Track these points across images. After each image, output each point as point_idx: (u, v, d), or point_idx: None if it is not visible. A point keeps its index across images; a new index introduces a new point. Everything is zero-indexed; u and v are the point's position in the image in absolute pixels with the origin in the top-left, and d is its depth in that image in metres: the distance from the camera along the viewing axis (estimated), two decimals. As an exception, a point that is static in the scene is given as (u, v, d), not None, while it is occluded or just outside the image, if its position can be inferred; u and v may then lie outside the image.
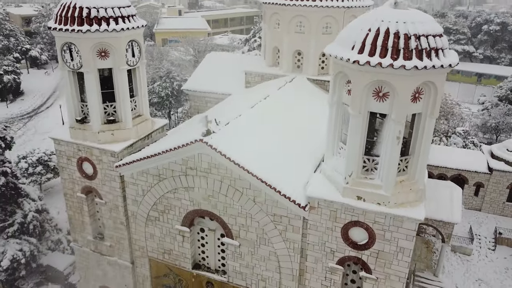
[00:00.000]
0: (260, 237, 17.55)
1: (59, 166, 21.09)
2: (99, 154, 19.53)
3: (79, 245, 22.95)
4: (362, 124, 14.20)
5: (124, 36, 18.21)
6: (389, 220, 14.80)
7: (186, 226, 19.06)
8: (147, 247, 20.78)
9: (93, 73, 18.34)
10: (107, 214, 20.94)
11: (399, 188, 14.80)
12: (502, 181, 36.59)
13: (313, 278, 17.16)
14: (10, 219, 26.86)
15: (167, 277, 21.10)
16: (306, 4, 25.36)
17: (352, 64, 13.26)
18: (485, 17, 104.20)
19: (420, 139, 14.62)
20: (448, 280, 30.43)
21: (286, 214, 16.57)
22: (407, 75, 12.87)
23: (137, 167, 18.73)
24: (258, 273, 18.40)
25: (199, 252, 20.31)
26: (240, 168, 16.29)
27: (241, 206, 17.30)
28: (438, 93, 13.85)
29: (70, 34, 17.47)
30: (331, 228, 15.92)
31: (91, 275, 23.60)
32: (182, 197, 18.46)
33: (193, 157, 17.34)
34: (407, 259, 15.20)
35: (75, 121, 19.61)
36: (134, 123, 20.05)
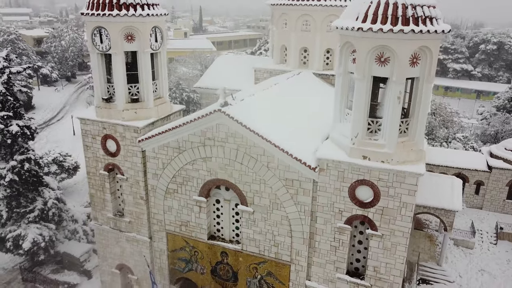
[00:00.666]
0: (272, 202, 18.91)
1: (84, 145, 22.66)
2: (123, 131, 21.15)
3: (99, 223, 24.23)
4: (366, 87, 15.85)
5: (148, 21, 20.17)
6: (393, 176, 16.20)
7: (203, 196, 20.44)
8: (165, 221, 22.07)
9: (120, 55, 20.19)
10: (127, 189, 22.37)
11: (401, 148, 16.29)
12: (502, 179, 37.83)
13: (323, 239, 18.39)
14: (31, 206, 28.19)
15: (183, 250, 22.28)
16: (312, 4, 27.51)
17: (357, 32, 15.04)
18: (482, 37, 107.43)
19: (418, 103, 16.22)
20: (452, 270, 31.31)
21: (297, 177, 18.00)
22: (405, 39, 14.61)
23: (159, 141, 20.31)
24: (270, 239, 19.64)
25: (214, 224, 21.58)
26: (255, 135, 17.87)
27: (255, 173, 18.76)
28: (434, 59, 15.54)
29: (101, 19, 19.43)
30: (339, 189, 17.31)
31: (109, 254, 24.75)
32: (200, 167, 19.94)
33: (211, 127, 18.94)
34: (410, 213, 16.51)
35: (102, 100, 21.33)
36: (155, 104, 21.76)
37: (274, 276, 20.34)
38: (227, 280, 21.76)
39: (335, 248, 18.32)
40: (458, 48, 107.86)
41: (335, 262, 18.55)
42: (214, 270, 21.87)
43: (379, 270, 17.70)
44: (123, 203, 23.34)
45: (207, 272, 22.14)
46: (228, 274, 21.56)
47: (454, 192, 30.27)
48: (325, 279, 19.01)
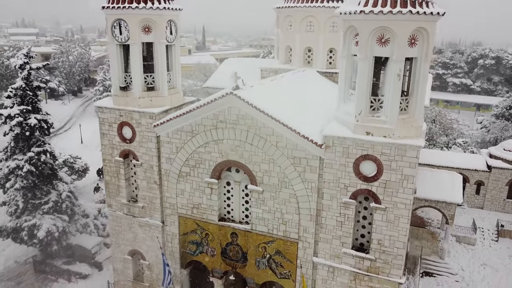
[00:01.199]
0: (281, 180, 19.97)
1: (101, 133, 23.89)
2: (139, 118, 22.40)
3: (113, 210, 25.20)
4: (368, 67, 17.15)
5: (165, 14, 21.69)
6: (394, 150, 17.31)
7: (214, 178, 21.51)
8: (177, 204, 23.07)
9: (137, 45, 21.63)
10: (141, 175, 23.46)
11: (401, 124, 17.46)
12: (501, 178, 38.82)
13: (329, 215, 19.35)
14: (45, 198, 29.20)
15: (195, 233, 23.18)
16: (315, 5, 29.12)
17: (359, 15, 16.44)
18: (480, 52, 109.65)
19: (417, 82, 17.47)
20: (454, 263, 32.03)
21: (305, 155, 19.12)
22: (404, 20, 15.98)
23: (173, 125, 21.53)
24: (279, 217, 20.60)
25: (224, 206, 22.56)
26: (265, 116, 19.09)
27: (264, 153, 19.89)
28: (430, 40, 16.86)
29: (121, 11, 20.95)
30: (344, 165, 18.39)
31: (122, 240, 25.62)
32: (212, 150, 21.09)
33: (223, 111, 20.18)
34: (412, 186, 17.53)
35: (119, 89, 22.68)
36: (169, 93, 23.09)
37: (282, 254, 21.19)
38: (237, 261, 22.59)
39: (341, 223, 19.26)
40: (457, 63, 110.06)
41: (341, 237, 19.45)
42: (224, 251, 22.72)
43: (383, 243, 18.59)
44: (137, 189, 24.40)
45: (217, 254, 22.98)
46: (238, 255, 22.41)
47: (455, 186, 31.26)
48: (332, 254, 19.87)
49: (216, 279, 23.66)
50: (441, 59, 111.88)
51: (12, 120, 27.13)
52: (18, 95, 27.75)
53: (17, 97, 27.78)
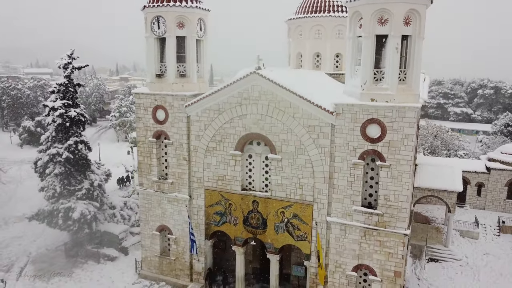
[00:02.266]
0: (297, 148, 22.86)
1: (136, 117, 27.13)
2: (172, 100, 25.70)
3: (144, 188, 27.95)
4: (371, 43, 20.53)
5: (196, 13, 25.53)
6: (396, 112, 20.30)
7: (238, 150, 24.44)
8: (203, 178, 25.85)
9: (173, 38, 25.33)
10: (172, 153, 26.43)
11: (401, 92, 20.58)
12: (500, 179, 41.20)
13: (340, 176, 22.06)
14: (79, 185, 32.02)
15: (219, 204, 25.77)
16: (323, 15, 33.06)
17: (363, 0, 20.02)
18: (479, 83, 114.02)
19: (413, 56, 20.74)
20: (458, 251, 33.89)
21: (318, 123, 22.14)
22: (399, 2, 19.50)
23: (202, 105, 24.77)
24: (296, 182, 23.29)
25: (246, 178, 25.29)
26: (284, 90, 22.34)
27: (283, 124, 22.93)
28: (422, 21, 20.31)
29: (160, 9, 24.83)
30: (352, 129, 21.34)
31: (151, 217, 28.15)
32: (236, 125, 24.17)
33: (247, 89, 23.46)
34: (412, 143, 20.35)
35: (155, 76, 26.16)
36: (197, 82, 26.50)
37: (299, 217, 23.65)
38: (257, 228, 25.00)
39: (351, 183, 21.92)
40: (458, 93, 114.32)
41: (352, 196, 22.03)
42: (246, 219, 25.19)
43: (389, 197, 21.15)
44: (167, 168, 27.27)
45: (239, 222, 25.43)
46: (258, 221, 24.86)
47: (455, 176, 33.82)
48: (343, 213, 22.36)
49: (238, 247, 25.93)
50: (441, 90, 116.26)
51: (55, 112, 30.53)
52: (61, 91, 31.32)
53: (60, 93, 31.32)
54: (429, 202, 43.37)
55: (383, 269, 21.98)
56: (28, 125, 76.31)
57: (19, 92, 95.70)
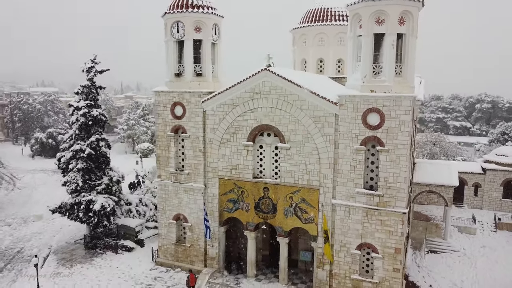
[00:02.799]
0: (305, 137, 25.20)
1: (156, 114, 29.58)
2: (189, 97, 28.21)
3: (162, 179, 30.17)
4: (370, 40, 23.11)
5: (211, 18, 28.30)
6: (393, 101, 22.69)
7: (250, 141, 26.77)
8: (218, 168, 28.11)
9: (190, 41, 28.03)
10: (189, 145, 28.78)
11: (397, 84, 23.05)
12: (495, 179, 43.33)
13: (344, 161, 24.31)
14: (99, 181, 34.26)
15: (232, 191, 27.94)
16: (326, 24, 35.88)
17: (362, 3, 22.71)
18: (476, 98, 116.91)
19: (407, 53, 23.28)
20: (456, 244, 35.75)
21: (323, 114, 24.54)
22: (393, 4, 22.15)
23: (217, 100, 27.26)
24: (303, 168, 25.53)
25: (257, 167, 27.53)
26: (292, 84, 24.84)
27: (291, 115, 25.34)
28: (415, 21, 22.93)
29: (179, 15, 27.61)
30: (354, 118, 23.71)
31: (168, 206, 30.26)
32: (249, 117, 26.59)
33: (258, 84, 25.98)
34: (408, 129, 22.66)
35: (174, 76, 28.75)
36: (212, 81, 29.07)
37: (306, 201, 25.79)
38: (268, 213, 27.09)
39: (354, 167, 24.16)
40: (456, 108, 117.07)
41: (354, 180, 24.22)
42: (257, 205, 27.30)
43: (388, 179, 23.33)
44: (183, 160, 29.58)
45: (251, 208, 27.54)
46: (269, 207, 26.97)
47: (451, 173, 36.05)
48: (347, 195, 24.50)
49: (250, 232, 27.96)
50: (441, 104, 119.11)
51: (79, 111, 33.04)
52: (84, 92, 33.90)
53: (83, 94, 33.90)
54: (428, 203, 45.35)
55: (384, 246, 23.98)
56: (40, 136, 78.95)
57: (30, 107, 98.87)
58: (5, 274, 30.08)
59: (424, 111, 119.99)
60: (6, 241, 36.53)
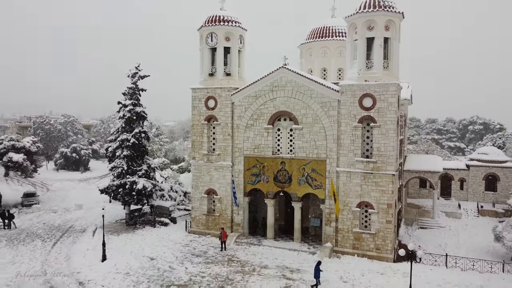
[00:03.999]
0: (314, 119, 31.97)
1: (192, 107, 36.49)
2: (220, 92, 35.23)
3: (196, 160, 36.70)
4: (364, 43, 30.35)
5: (238, 30, 35.77)
6: (382, 88, 29.60)
7: (270, 125, 33.53)
8: (243, 148, 34.71)
9: (221, 48, 35.35)
10: (219, 130, 35.51)
11: (385, 75, 30.08)
12: (478, 174, 49.75)
13: (345, 137, 30.95)
14: (139, 167, 40.78)
15: (255, 167, 34.40)
16: (328, 39, 43.50)
17: (357, 14, 30.13)
18: (469, 120, 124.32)
19: (391, 52, 30.45)
20: (443, 223, 41.78)
21: (328, 100, 31.43)
22: (380, 15, 29.53)
23: (244, 93, 34.25)
24: (313, 144, 32.14)
25: (275, 146, 34.12)
26: (304, 78, 31.90)
27: (303, 102, 32.23)
28: (397, 27, 30.25)
29: (213, 27, 35.08)
30: (352, 102, 30.55)
31: (201, 183, 36.63)
32: (269, 106, 33.47)
33: (276, 79, 33.04)
34: (394, 109, 29.43)
35: (207, 75, 35.91)
36: (238, 79, 36.20)
37: (316, 171, 32.22)
38: (284, 182, 33.45)
39: (353, 141, 30.78)
40: (450, 129, 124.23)
41: (354, 151, 30.78)
42: (276, 177, 33.70)
43: (380, 149, 29.90)
44: (214, 144, 36.25)
45: (271, 180, 33.92)
46: (285, 177, 33.37)
47: (436, 162, 42.68)
48: (348, 164, 30.97)
49: (269, 200, 34.20)
50: (435, 126, 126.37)
51: (126, 107, 40.05)
52: (129, 93, 41.00)
53: (129, 95, 41.00)
54: (421, 197, 51.47)
55: (378, 203, 30.23)
56: (65, 150, 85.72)
57: (52, 127, 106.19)
58: (64, 239, 36.06)
59: (420, 133, 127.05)
60: (58, 221, 42.59)
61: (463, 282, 26.26)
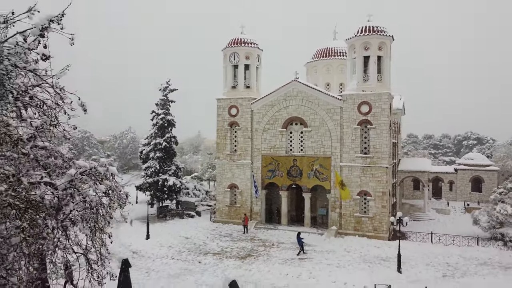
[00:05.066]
0: (320, 123, 38.63)
1: (218, 114, 43.21)
2: (241, 102, 42.03)
3: (220, 159, 43.18)
4: (361, 60, 37.29)
5: (256, 50, 42.86)
6: (376, 96, 36.36)
7: (284, 128, 40.18)
8: (261, 148, 41.24)
9: (242, 65, 42.39)
10: (240, 134, 42.13)
11: (379, 86, 36.90)
12: (465, 177, 56.06)
13: (347, 137, 37.53)
14: (169, 167, 47.26)
15: (271, 164, 40.85)
16: (331, 58, 50.61)
17: (355, 37, 37.18)
18: (463, 135, 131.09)
19: (383, 68, 37.35)
20: (433, 216, 47.87)
21: (332, 107, 38.17)
22: (374, 38, 36.55)
23: (262, 102, 41.04)
24: (320, 144, 38.69)
25: (288, 146, 40.66)
26: (312, 89, 38.74)
27: (311, 109, 38.96)
28: (388, 48, 37.23)
29: (235, 48, 42.17)
30: (352, 108, 37.26)
31: (224, 179, 43.00)
32: (283, 112, 40.19)
33: (289, 90, 39.90)
34: (387, 113, 36.08)
35: (230, 88, 42.79)
36: (256, 91, 43.05)
37: (323, 166, 38.66)
38: (296, 177, 39.83)
39: (353, 140, 37.34)
40: (446, 144, 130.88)
41: (354, 148, 37.29)
42: (288, 172, 40.11)
43: (376, 146, 36.42)
44: (235, 146, 42.80)
45: (284, 175, 40.31)
46: (297, 172, 39.77)
47: (426, 163, 49.06)
48: (349, 159, 37.44)
49: (283, 191, 40.52)
50: (432, 142, 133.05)
51: (159, 116, 46.81)
52: (161, 104, 47.83)
53: (160, 105, 47.81)
54: (414, 198, 57.59)
55: (375, 191, 36.53)
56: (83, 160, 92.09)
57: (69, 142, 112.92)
58: (108, 227, 42.15)
59: (417, 148, 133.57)
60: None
61: (444, 252, 32.35)
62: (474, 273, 28.05)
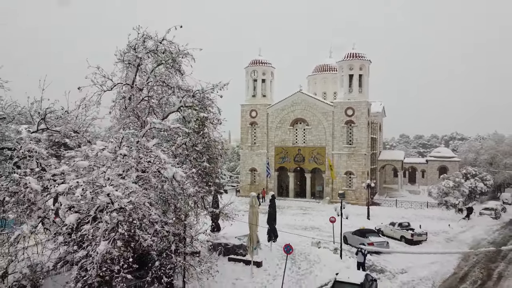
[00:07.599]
0: (318, 122, 53.20)
1: (241, 116, 57.76)
2: (259, 107, 56.61)
3: (243, 149, 57.75)
4: (347, 77, 51.88)
5: (270, 68, 57.46)
6: (358, 103, 50.85)
7: (291, 126, 54.76)
8: (274, 141, 55.80)
9: (260, 80, 57.00)
10: (259, 131, 56.67)
11: (360, 96, 51.46)
12: (434, 166, 70.56)
13: (336, 132, 52.05)
14: (202, 156, 61.80)
15: (281, 153, 55.37)
16: (328, 72, 65.20)
17: (343, 61, 51.82)
18: (450, 136, 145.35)
19: (363, 83, 51.88)
20: (405, 194, 62.39)
21: (327, 111, 52.76)
22: (357, 61, 51.14)
23: (275, 107, 55.66)
24: (318, 137, 53.24)
25: (295, 138, 55.17)
26: (312, 98, 53.40)
27: (311, 112, 53.55)
28: (367, 68, 51.81)
29: (255, 67, 56.79)
30: (341, 112, 51.78)
31: (246, 164, 57.52)
32: (291, 114, 54.78)
33: (295, 99, 54.54)
34: (366, 116, 50.53)
35: (251, 96, 57.41)
36: (271, 98, 57.65)
37: (320, 154, 53.16)
38: (300, 162, 54.35)
39: (341, 135, 51.87)
40: (433, 144, 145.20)
41: (342, 141, 51.80)
42: (294, 158, 54.62)
43: (358, 139, 50.92)
44: (255, 139, 57.37)
45: (291, 160, 54.83)
46: (301, 158, 54.27)
47: (400, 154, 63.64)
48: (339, 148, 51.94)
49: (291, 173, 55.07)
50: (421, 141, 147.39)
51: (195, 117, 61.38)
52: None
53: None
54: (394, 183, 71.94)
55: (357, 171, 51.01)
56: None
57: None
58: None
59: (408, 147, 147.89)
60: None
61: (403, 212, 46.82)
62: (419, 221, 42.51)
